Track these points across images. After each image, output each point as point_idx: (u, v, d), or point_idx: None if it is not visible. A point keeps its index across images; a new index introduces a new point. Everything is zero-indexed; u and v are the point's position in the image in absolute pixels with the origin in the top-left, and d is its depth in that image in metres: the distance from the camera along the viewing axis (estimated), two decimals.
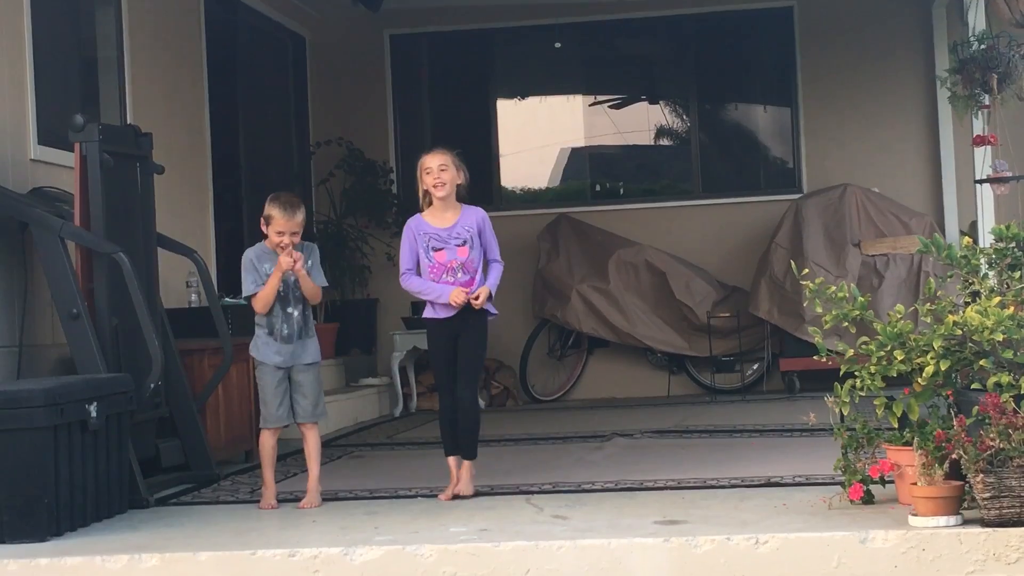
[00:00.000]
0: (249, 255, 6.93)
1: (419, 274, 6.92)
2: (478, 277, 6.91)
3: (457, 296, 6.80)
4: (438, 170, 6.90)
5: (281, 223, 6.80)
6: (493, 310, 6.98)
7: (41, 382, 6.50)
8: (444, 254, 6.87)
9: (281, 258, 6.73)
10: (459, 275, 6.86)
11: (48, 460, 6.09)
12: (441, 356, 7.01)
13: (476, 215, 6.97)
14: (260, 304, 6.85)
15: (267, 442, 6.95)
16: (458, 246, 6.88)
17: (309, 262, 6.91)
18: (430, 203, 6.97)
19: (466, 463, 6.93)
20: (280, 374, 6.90)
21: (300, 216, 6.85)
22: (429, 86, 13.64)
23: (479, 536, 5.70)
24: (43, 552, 5.78)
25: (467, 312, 6.88)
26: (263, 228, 6.89)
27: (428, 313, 6.97)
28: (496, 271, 6.97)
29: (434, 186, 6.90)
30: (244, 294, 6.95)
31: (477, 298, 6.82)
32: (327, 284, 7.09)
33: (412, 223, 6.97)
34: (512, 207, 13.16)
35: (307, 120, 13.12)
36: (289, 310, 6.89)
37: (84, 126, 7.38)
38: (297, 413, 6.95)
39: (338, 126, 12.97)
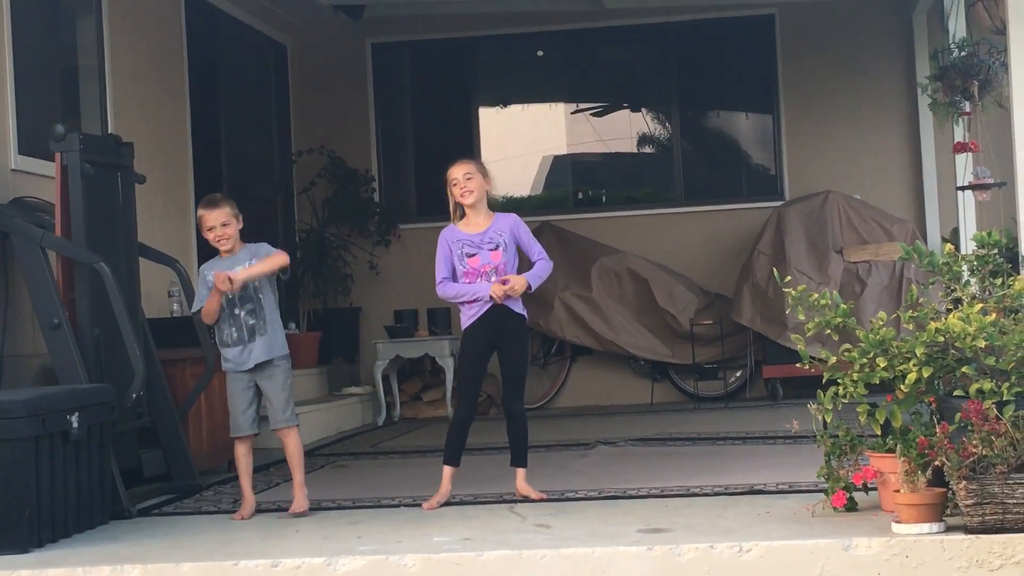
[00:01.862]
0: (203, 269, 6.95)
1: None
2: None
3: (497, 289, 6.84)
4: (464, 179, 6.94)
5: (205, 218, 6.85)
6: (523, 311, 7.00)
7: (22, 392, 6.47)
8: (477, 259, 6.91)
9: (216, 283, 6.72)
10: (492, 279, 6.90)
11: (29, 471, 6.06)
12: (471, 365, 7.03)
13: (508, 220, 7.02)
14: (207, 318, 6.89)
15: (237, 451, 6.95)
16: (491, 250, 6.92)
17: (252, 260, 6.87)
18: (461, 215, 7.01)
19: (522, 471, 6.98)
20: (243, 381, 6.87)
21: (223, 207, 6.86)
22: (411, 94, 13.63)
23: (462, 545, 5.69)
24: (24, 564, 5.75)
25: (505, 318, 6.91)
26: (205, 237, 6.93)
27: (465, 321, 7.00)
28: (540, 266, 7.02)
29: (462, 195, 6.94)
30: (192, 309, 7.00)
31: (506, 283, 6.84)
32: (278, 250, 6.98)
33: (446, 232, 7.02)
34: None
35: (289, 129, 13.11)
36: (236, 311, 6.85)
37: (65, 135, 7.35)
38: (270, 420, 6.95)
39: (320, 135, 12.97)
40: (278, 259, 6.87)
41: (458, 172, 6.97)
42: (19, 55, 8.12)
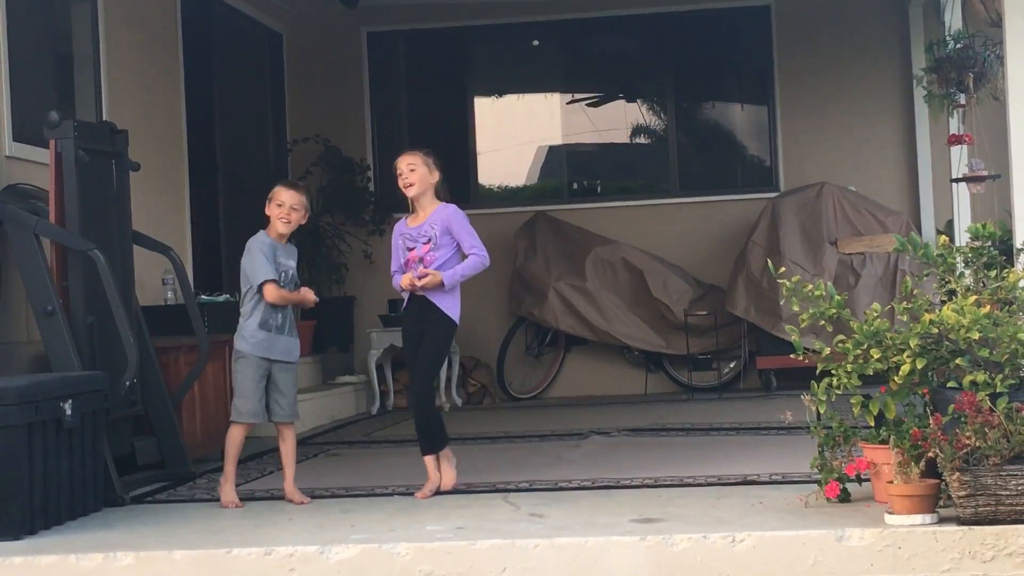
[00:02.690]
0: (261, 242, 6.90)
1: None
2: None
3: (403, 280, 6.91)
4: (407, 171, 6.98)
5: (281, 194, 6.92)
6: (448, 309, 6.94)
7: (15, 380, 6.46)
8: (415, 252, 6.94)
9: (307, 295, 6.97)
10: (415, 270, 6.91)
11: (22, 458, 6.05)
12: (410, 350, 7.10)
13: (445, 212, 6.99)
14: (275, 296, 6.84)
15: (238, 436, 6.91)
16: (424, 243, 6.92)
17: (292, 259, 6.99)
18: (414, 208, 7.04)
19: (442, 455, 6.97)
20: (262, 369, 6.86)
21: (302, 194, 6.98)
22: (406, 83, 13.61)
23: (455, 534, 5.69)
24: (17, 550, 5.75)
25: (424, 311, 6.93)
26: (267, 210, 6.97)
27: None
28: (469, 261, 6.96)
29: (404, 187, 6.99)
30: (263, 278, 6.82)
31: (420, 279, 6.85)
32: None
33: (396, 226, 7.09)
34: (489, 205, 13.15)
35: (284, 117, 13.09)
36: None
37: (59, 123, 7.34)
38: (274, 412, 6.93)
39: (315, 123, 12.95)
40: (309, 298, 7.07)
41: (402, 163, 7.00)
42: (14, 42, 8.10)
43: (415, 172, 6.94)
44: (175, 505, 7.01)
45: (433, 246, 6.91)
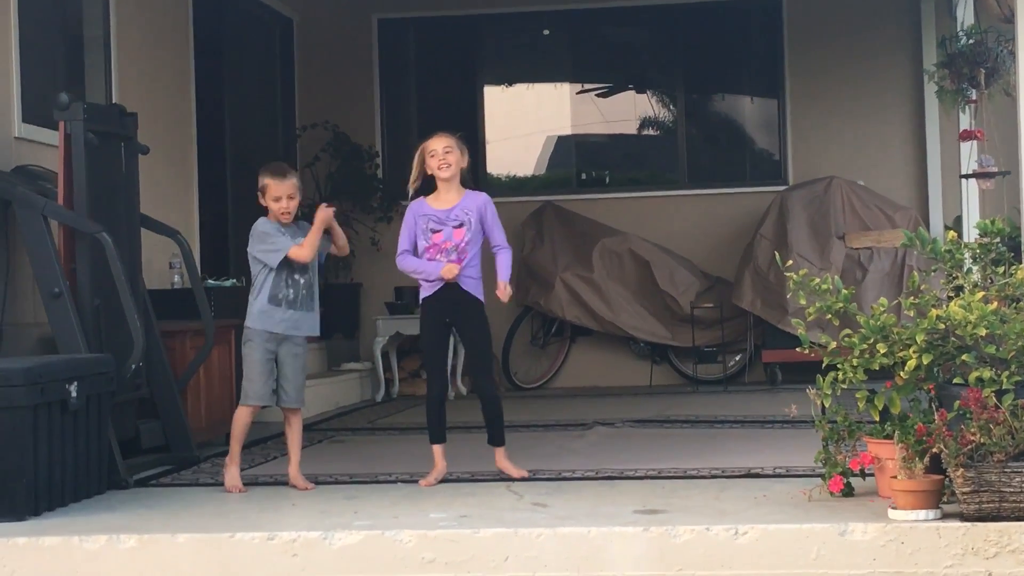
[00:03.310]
0: (267, 226, 6.84)
1: (416, 256, 6.94)
2: (471, 260, 6.91)
3: (450, 270, 6.81)
4: (443, 152, 6.91)
5: (274, 188, 6.81)
6: (480, 294, 6.98)
7: (21, 361, 6.47)
8: (441, 235, 6.89)
9: (319, 211, 6.78)
10: (451, 256, 6.87)
11: (27, 439, 6.06)
12: (430, 339, 7.04)
13: (478, 199, 6.98)
14: (308, 251, 6.78)
15: (244, 419, 6.88)
16: (455, 228, 6.89)
17: (302, 239, 6.88)
18: (423, 188, 6.96)
19: (500, 449, 6.96)
20: (269, 350, 6.84)
21: (292, 179, 6.86)
22: (416, 71, 13.60)
23: (459, 522, 5.69)
24: (21, 531, 5.76)
25: (458, 297, 6.89)
26: (261, 201, 6.89)
27: (422, 293, 6.99)
28: (504, 258, 6.99)
29: (439, 167, 6.90)
30: (284, 250, 6.75)
31: (460, 263, 6.83)
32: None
33: (414, 205, 6.98)
34: (497, 194, 12.93)
35: (293, 103, 13.08)
36: (296, 276, 6.85)
37: (69, 104, 7.34)
38: (281, 397, 6.93)
39: (324, 109, 12.94)
40: (345, 243, 7.01)
41: (438, 144, 6.93)
42: (25, 23, 8.10)
43: (451, 154, 6.91)
44: (179, 489, 7.01)
45: (468, 231, 6.89)
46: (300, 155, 12.93)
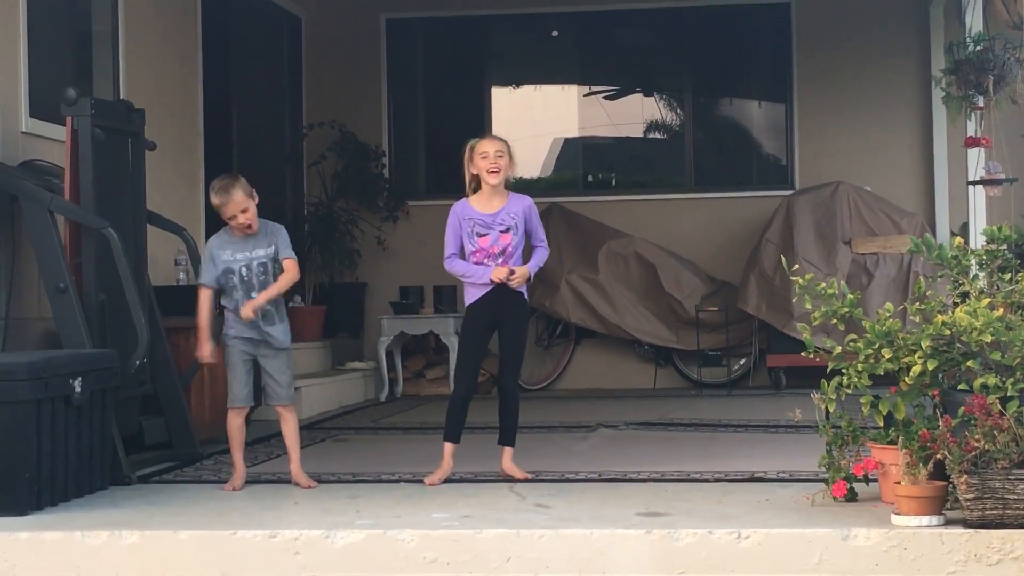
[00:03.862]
0: (211, 245, 6.88)
1: (463, 259, 6.94)
2: (516, 262, 6.91)
3: (499, 272, 6.80)
4: (495, 156, 6.89)
5: (225, 209, 6.76)
6: (524, 290, 6.99)
7: (25, 355, 6.47)
8: (487, 239, 6.87)
9: (243, 312, 6.74)
10: (499, 261, 6.87)
11: (30, 434, 6.06)
12: (473, 341, 7.02)
13: (523, 203, 6.98)
14: (201, 302, 6.84)
15: (233, 422, 6.91)
16: (502, 232, 6.88)
17: (271, 246, 6.82)
18: (475, 189, 6.95)
19: (508, 450, 6.98)
20: (245, 354, 6.85)
21: (237, 194, 6.74)
22: (424, 71, 13.60)
23: (461, 522, 5.69)
24: (23, 526, 5.76)
25: (506, 299, 6.89)
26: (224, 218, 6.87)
27: (468, 298, 6.97)
28: (540, 254, 7.02)
29: (489, 171, 6.87)
30: (199, 280, 6.89)
31: (514, 273, 6.82)
32: (294, 256, 6.93)
33: (458, 208, 6.95)
34: None
35: (300, 101, 13.09)
36: (253, 295, 6.81)
37: (76, 100, 7.34)
38: (269, 396, 6.94)
39: (331, 108, 12.94)
40: (291, 276, 6.85)
41: (490, 147, 6.90)
42: (33, 18, 8.11)
43: (502, 159, 6.89)
44: (181, 485, 7.01)
45: (515, 235, 6.89)
46: (307, 153, 12.95)
